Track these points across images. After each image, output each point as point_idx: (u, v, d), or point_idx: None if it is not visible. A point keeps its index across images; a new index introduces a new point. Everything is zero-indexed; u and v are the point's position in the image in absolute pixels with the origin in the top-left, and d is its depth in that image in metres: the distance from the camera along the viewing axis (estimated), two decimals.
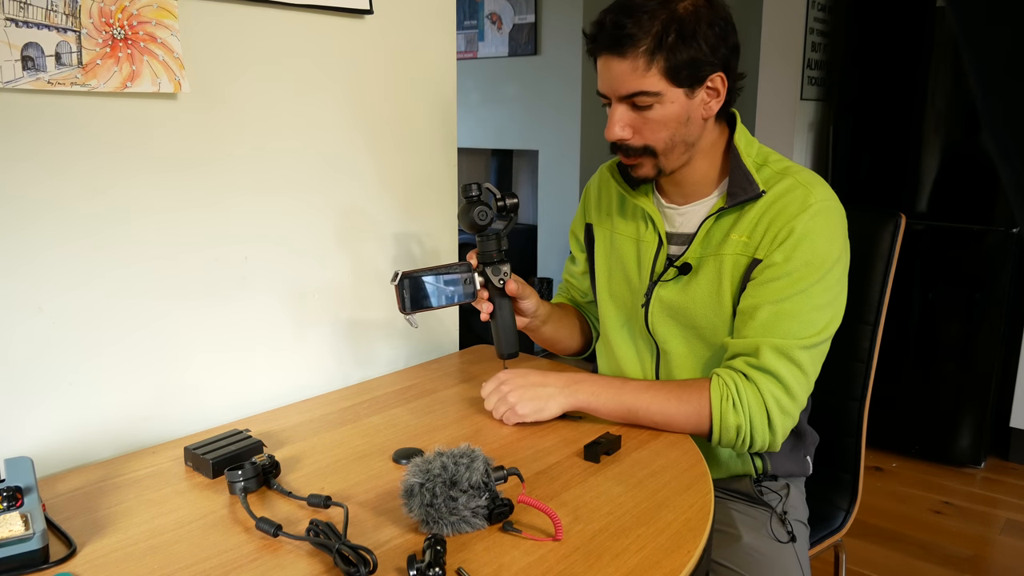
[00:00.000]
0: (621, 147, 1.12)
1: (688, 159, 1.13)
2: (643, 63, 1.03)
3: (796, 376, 1.07)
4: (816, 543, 1.31)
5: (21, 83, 0.90)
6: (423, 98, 1.42)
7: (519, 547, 0.80)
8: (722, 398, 1.06)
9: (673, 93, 1.05)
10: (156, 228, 1.07)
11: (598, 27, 1.07)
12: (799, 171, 1.12)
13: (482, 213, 1.12)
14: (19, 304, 0.95)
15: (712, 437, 1.09)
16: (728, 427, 1.07)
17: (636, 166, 1.13)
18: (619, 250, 1.27)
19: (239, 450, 0.99)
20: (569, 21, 3.59)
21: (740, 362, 1.08)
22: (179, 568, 0.77)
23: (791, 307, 1.06)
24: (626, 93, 1.06)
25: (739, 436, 1.07)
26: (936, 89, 2.60)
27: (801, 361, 1.07)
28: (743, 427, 1.06)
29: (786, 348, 1.06)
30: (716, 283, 1.13)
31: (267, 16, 1.15)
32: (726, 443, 1.09)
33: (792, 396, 1.08)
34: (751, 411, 1.06)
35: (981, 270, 2.59)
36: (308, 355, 1.30)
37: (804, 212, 1.07)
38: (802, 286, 1.06)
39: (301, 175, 1.24)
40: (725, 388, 1.07)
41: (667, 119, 1.07)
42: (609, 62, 1.06)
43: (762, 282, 1.09)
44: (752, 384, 1.07)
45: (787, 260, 1.07)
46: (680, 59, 1.03)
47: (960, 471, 2.70)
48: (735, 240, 1.12)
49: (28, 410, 0.98)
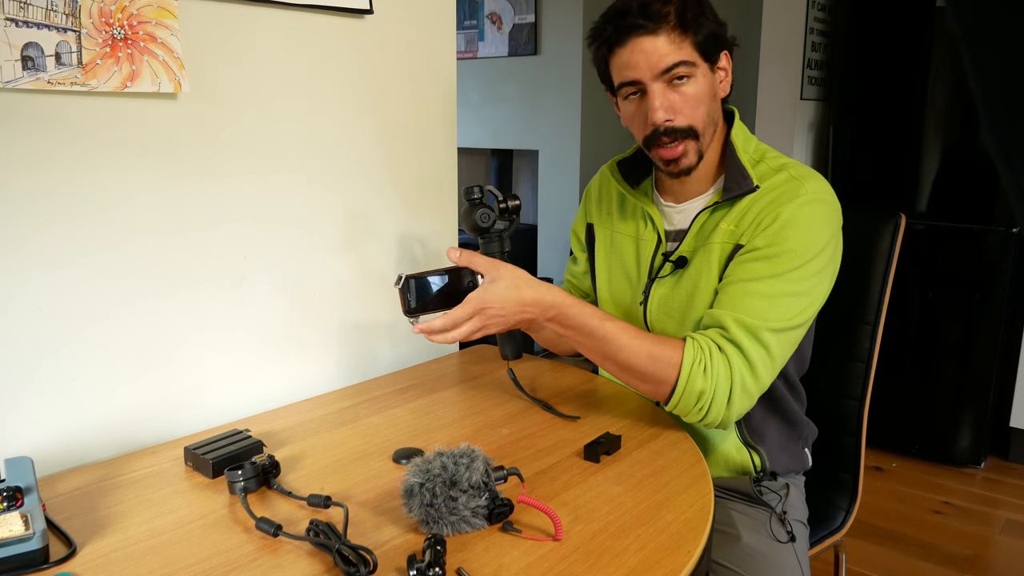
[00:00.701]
0: (666, 132, 1.10)
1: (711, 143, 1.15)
2: (678, 35, 1.06)
3: (762, 357, 1.06)
4: (816, 543, 1.31)
5: (21, 83, 0.91)
6: (423, 98, 1.42)
7: (519, 547, 0.80)
8: (694, 361, 1.04)
9: (703, 67, 1.09)
10: (156, 228, 1.07)
11: (621, 13, 1.08)
12: (796, 166, 1.13)
13: (484, 215, 1.12)
14: (19, 303, 0.95)
15: (672, 396, 1.06)
16: (692, 391, 1.04)
17: (680, 156, 1.12)
18: (619, 249, 1.27)
19: (239, 450, 0.99)
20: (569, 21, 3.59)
21: (713, 332, 1.07)
22: (179, 568, 0.77)
23: (763, 288, 1.06)
24: (666, 67, 1.07)
25: (699, 403, 1.05)
26: (936, 89, 2.60)
27: (768, 343, 1.05)
28: (706, 395, 1.04)
29: (753, 327, 1.05)
30: (706, 273, 1.14)
31: (267, 16, 1.16)
32: (683, 406, 1.06)
33: (756, 377, 1.06)
34: (718, 381, 1.04)
35: (981, 270, 2.59)
36: (308, 355, 1.30)
37: (792, 201, 1.07)
38: (778, 270, 1.06)
39: (301, 175, 1.24)
40: (699, 352, 1.05)
41: (701, 94, 1.09)
42: (641, 43, 1.07)
43: (740, 262, 1.09)
44: (724, 356, 1.05)
45: (768, 244, 1.07)
46: (705, 31, 1.08)
47: (960, 471, 2.70)
48: (723, 229, 1.12)
49: (28, 410, 0.98)
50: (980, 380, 2.64)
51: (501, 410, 1.19)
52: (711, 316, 1.09)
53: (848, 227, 1.13)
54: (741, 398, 1.06)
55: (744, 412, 1.09)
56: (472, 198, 1.13)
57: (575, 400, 1.23)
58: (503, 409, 1.20)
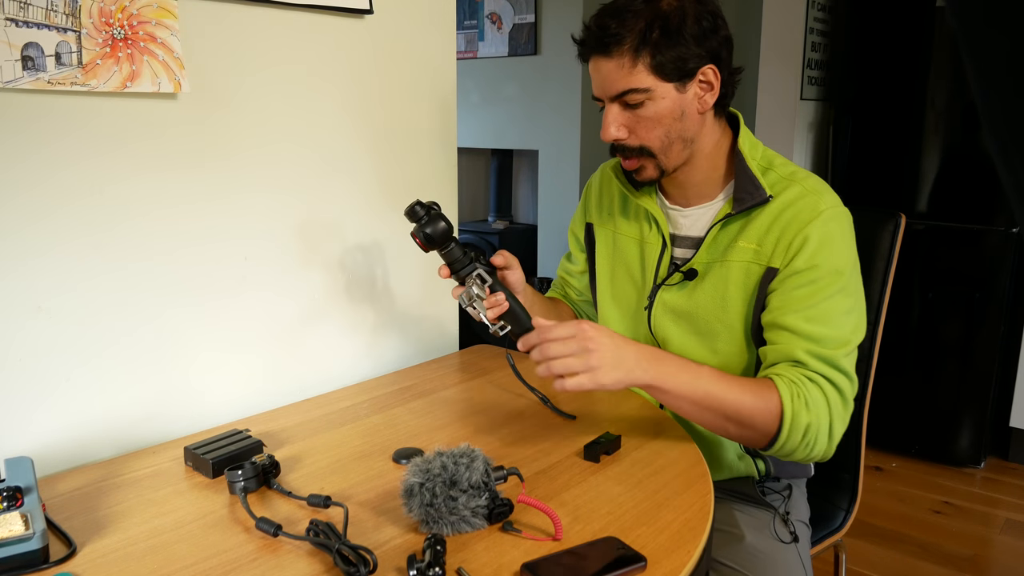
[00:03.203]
0: (620, 148, 1.12)
1: (688, 156, 1.12)
2: (628, 60, 1.04)
3: (845, 383, 1.05)
4: (816, 543, 1.31)
5: (21, 83, 0.90)
6: (423, 98, 1.42)
7: (519, 547, 0.80)
8: (793, 396, 1.01)
9: (663, 89, 1.05)
10: (156, 228, 1.07)
11: (586, 32, 1.08)
12: (806, 177, 1.11)
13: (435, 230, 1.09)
14: (18, 303, 0.95)
15: (779, 436, 1.02)
16: (798, 426, 1.01)
17: (639, 169, 1.13)
18: (623, 251, 1.26)
19: (239, 450, 0.99)
20: (569, 21, 3.59)
21: (793, 370, 1.05)
22: (179, 568, 0.77)
23: (821, 314, 1.05)
24: (616, 92, 1.07)
25: (805, 438, 1.02)
26: (936, 89, 2.60)
27: (846, 368, 1.05)
28: (812, 427, 1.02)
29: (830, 358, 1.04)
30: (722, 289, 1.12)
31: (267, 16, 1.16)
32: (790, 445, 1.03)
33: (846, 403, 1.06)
34: (819, 412, 1.03)
35: (981, 270, 2.59)
36: (308, 355, 1.30)
37: (817, 219, 1.06)
38: (828, 292, 1.05)
39: (301, 175, 1.24)
40: (794, 387, 1.02)
41: (660, 116, 1.07)
42: (598, 63, 1.07)
43: (786, 290, 1.07)
44: (817, 387, 1.04)
45: (810, 268, 1.06)
46: (666, 54, 1.04)
47: (960, 471, 2.70)
48: (743, 247, 1.11)
49: (28, 410, 0.98)
50: (980, 380, 2.64)
51: (501, 410, 1.19)
52: (778, 352, 1.06)
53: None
54: (839, 428, 1.05)
55: (842, 434, 1.07)
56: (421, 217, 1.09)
57: (575, 400, 1.23)
58: (503, 409, 1.20)
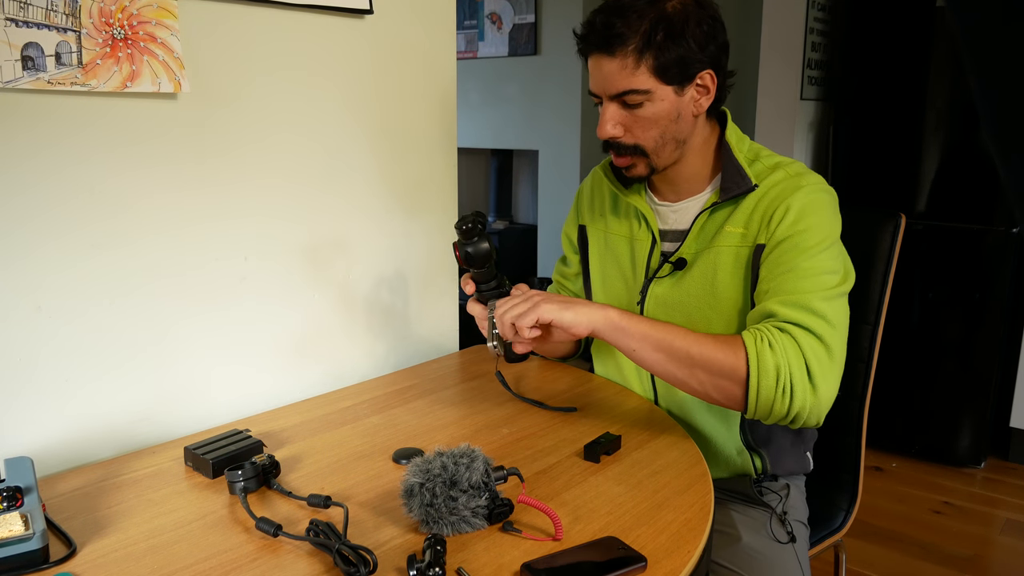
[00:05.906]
0: (613, 146, 1.13)
1: (679, 156, 1.14)
2: (632, 61, 1.04)
3: (822, 325, 1.03)
4: (816, 543, 1.31)
5: (21, 83, 0.91)
6: (423, 98, 1.42)
7: (519, 547, 0.80)
8: (756, 339, 1.01)
9: (663, 91, 1.06)
10: (156, 228, 1.07)
11: (588, 27, 1.08)
12: (790, 164, 1.13)
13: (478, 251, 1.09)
14: (18, 303, 0.95)
15: (749, 382, 1.01)
16: (766, 368, 1.00)
17: (630, 167, 1.14)
18: (614, 250, 1.27)
19: (239, 450, 0.99)
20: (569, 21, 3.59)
21: (763, 323, 1.05)
22: (179, 568, 0.77)
23: (799, 270, 1.05)
24: (616, 92, 1.07)
25: (780, 382, 1.00)
26: (936, 89, 2.60)
27: (822, 311, 1.03)
28: (782, 370, 1.00)
29: (801, 301, 1.03)
30: (711, 276, 1.13)
31: (267, 16, 1.16)
32: (765, 392, 1.00)
33: (826, 346, 1.03)
34: (788, 354, 1.01)
35: (981, 270, 2.59)
36: (308, 355, 1.30)
37: (798, 191, 1.08)
38: (808, 252, 1.05)
39: (301, 175, 1.24)
40: (758, 332, 1.03)
41: (657, 117, 1.08)
42: (599, 61, 1.07)
43: (772, 261, 1.08)
44: (786, 334, 1.02)
45: (790, 234, 1.06)
46: (669, 57, 1.04)
47: (960, 471, 2.70)
48: (730, 232, 1.12)
49: (28, 410, 0.98)
50: (980, 380, 2.64)
51: (501, 410, 1.19)
52: (757, 312, 1.07)
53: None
54: (821, 372, 1.02)
55: (834, 391, 1.04)
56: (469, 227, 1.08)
57: (576, 400, 1.23)
58: (503, 409, 1.20)
